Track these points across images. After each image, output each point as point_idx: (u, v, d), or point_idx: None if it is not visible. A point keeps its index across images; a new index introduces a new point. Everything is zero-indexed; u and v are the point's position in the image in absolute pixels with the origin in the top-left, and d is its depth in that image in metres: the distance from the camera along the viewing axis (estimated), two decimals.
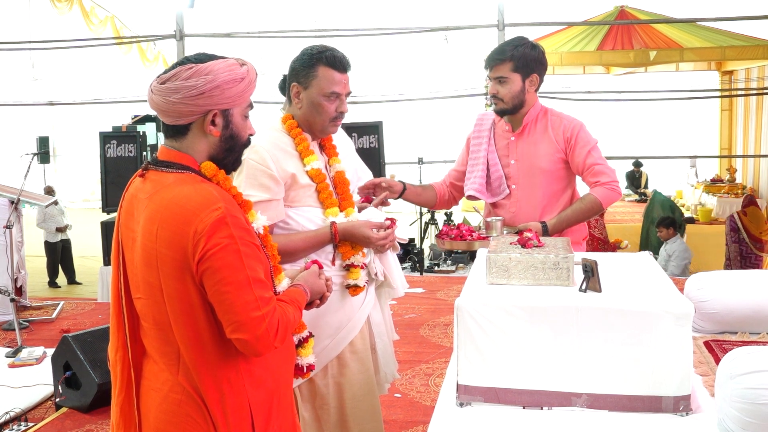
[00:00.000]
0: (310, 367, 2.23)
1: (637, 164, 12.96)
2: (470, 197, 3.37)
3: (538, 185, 3.23)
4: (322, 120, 2.60)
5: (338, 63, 2.56)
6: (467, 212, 15.32)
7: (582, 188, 3.36)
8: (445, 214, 10.59)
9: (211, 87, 1.81)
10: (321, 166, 2.65)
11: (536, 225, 3.09)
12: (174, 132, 1.88)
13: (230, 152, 1.93)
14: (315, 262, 2.24)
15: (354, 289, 2.67)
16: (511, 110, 3.23)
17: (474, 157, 3.37)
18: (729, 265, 8.31)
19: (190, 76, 1.81)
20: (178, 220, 1.74)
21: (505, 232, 3.07)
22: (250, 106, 1.96)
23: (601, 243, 8.37)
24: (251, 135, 1.98)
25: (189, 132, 1.87)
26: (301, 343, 2.21)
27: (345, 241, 2.61)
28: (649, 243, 8.88)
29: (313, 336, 2.30)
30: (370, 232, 2.61)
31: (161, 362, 1.86)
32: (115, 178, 7.67)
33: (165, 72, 1.84)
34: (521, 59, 3.16)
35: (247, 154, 2.43)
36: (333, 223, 2.59)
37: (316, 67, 2.54)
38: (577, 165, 3.22)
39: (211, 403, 1.83)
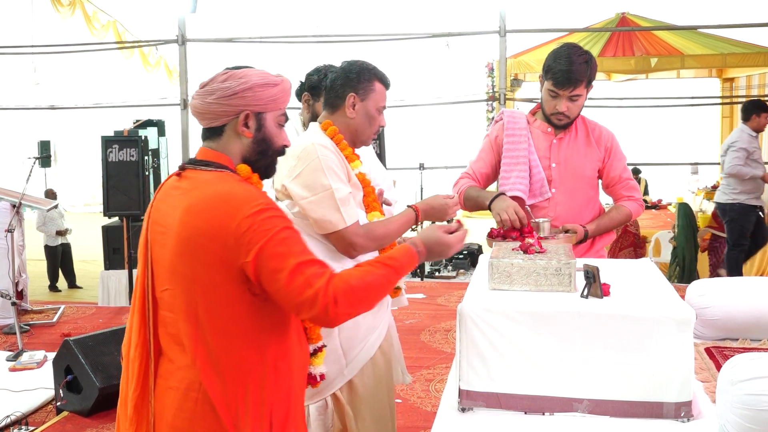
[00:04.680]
0: (322, 377, 2.28)
1: (636, 171, 12.96)
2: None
3: (579, 190, 3.23)
4: (370, 131, 2.73)
5: (387, 81, 2.74)
6: (469, 217, 15.34)
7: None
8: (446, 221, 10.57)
9: (243, 88, 1.90)
10: (366, 171, 2.76)
11: (580, 228, 3.11)
12: (210, 133, 1.97)
13: (263, 156, 1.99)
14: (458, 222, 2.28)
15: (395, 290, 2.80)
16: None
17: (512, 156, 3.26)
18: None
19: (226, 79, 1.92)
20: (221, 214, 1.79)
21: (550, 233, 3.02)
22: (285, 117, 2.02)
23: (636, 238, 8.52)
24: (286, 146, 2.04)
25: (224, 133, 1.96)
26: (315, 352, 2.26)
27: (426, 218, 2.72)
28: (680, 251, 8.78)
29: (327, 346, 2.35)
30: (446, 200, 2.70)
31: (180, 356, 1.87)
32: (116, 183, 7.66)
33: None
34: (592, 75, 3.12)
35: (317, 151, 2.52)
36: (414, 206, 2.69)
37: (373, 82, 2.67)
38: (613, 177, 3.27)
39: (232, 398, 1.85)
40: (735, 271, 7.53)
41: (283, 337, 1.95)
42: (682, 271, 8.56)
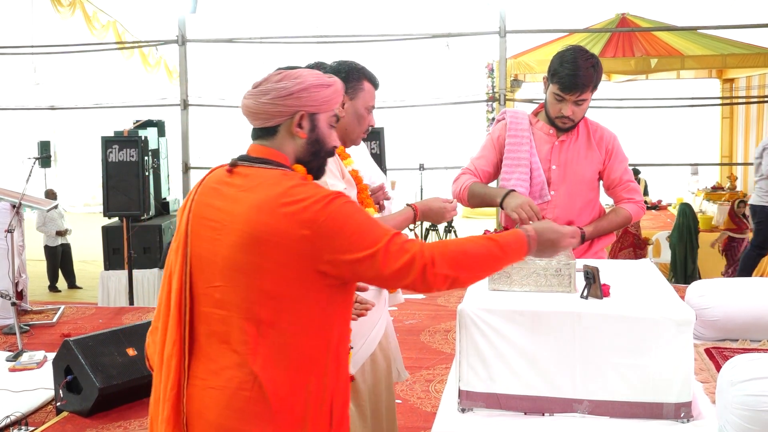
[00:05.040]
0: (351, 378, 2.33)
1: (635, 171, 12.95)
2: None
3: (578, 193, 3.21)
4: (360, 130, 2.74)
5: (376, 81, 2.77)
6: (468, 217, 15.34)
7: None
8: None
9: (299, 89, 1.91)
10: (359, 168, 2.78)
11: (576, 230, 3.09)
12: (263, 133, 1.97)
13: (316, 156, 2.00)
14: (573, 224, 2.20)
15: None
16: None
17: (513, 157, 3.23)
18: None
19: (280, 79, 1.92)
20: (296, 210, 1.78)
21: None
22: (336, 118, 2.03)
23: (636, 238, 8.49)
24: (336, 147, 2.05)
25: (277, 133, 1.95)
26: None
27: (424, 218, 2.74)
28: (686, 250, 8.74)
29: (353, 348, 2.38)
30: (445, 204, 2.70)
31: (226, 355, 1.84)
32: (116, 183, 7.66)
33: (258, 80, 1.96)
34: (598, 80, 3.09)
35: None
36: (413, 205, 2.71)
37: (362, 81, 2.71)
38: (614, 179, 3.25)
39: (295, 389, 1.83)
40: (746, 270, 7.52)
41: (345, 324, 1.95)
42: (674, 271, 8.55)
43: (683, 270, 8.53)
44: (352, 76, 2.69)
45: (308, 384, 1.85)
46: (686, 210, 8.76)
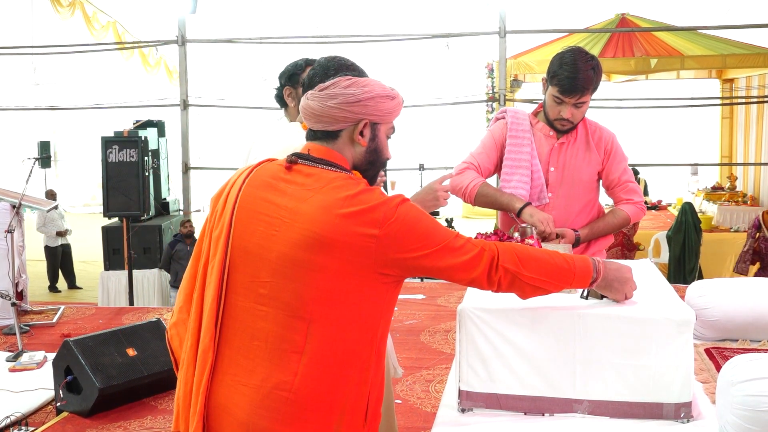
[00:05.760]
0: None
1: (634, 172, 12.95)
2: None
3: (576, 196, 3.18)
4: None
5: (366, 76, 2.71)
6: (468, 217, 15.34)
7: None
8: (446, 220, 10.61)
9: (367, 97, 1.92)
10: None
11: (570, 233, 3.07)
12: (323, 135, 1.96)
13: (372, 165, 2.00)
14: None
15: None
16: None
17: (514, 158, 3.20)
18: (742, 258, 8.27)
19: (349, 86, 1.93)
20: (366, 212, 1.79)
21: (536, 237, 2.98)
22: (393, 129, 2.05)
23: (626, 238, 8.45)
24: (389, 158, 2.06)
25: (339, 138, 1.95)
26: None
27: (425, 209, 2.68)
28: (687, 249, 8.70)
29: None
30: (437, 187, 2.60)
31: (261, 353, 1.83)
32: (116, 183, 7.67)
33: (323, 82, 1.97)
34: (598, 82, 3.05)
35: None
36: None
37: None
38: (612, 180, 3.22)
39: (335, 387, 1.82)
40: None
41: (389, 318, 1.95)
42: (669, 268, 8.53)
43: (679, 268, 8.49)
44: (341, 73, 2.66)
45: (350, 379, 1.84)
46: (687, 208, 8.73)
